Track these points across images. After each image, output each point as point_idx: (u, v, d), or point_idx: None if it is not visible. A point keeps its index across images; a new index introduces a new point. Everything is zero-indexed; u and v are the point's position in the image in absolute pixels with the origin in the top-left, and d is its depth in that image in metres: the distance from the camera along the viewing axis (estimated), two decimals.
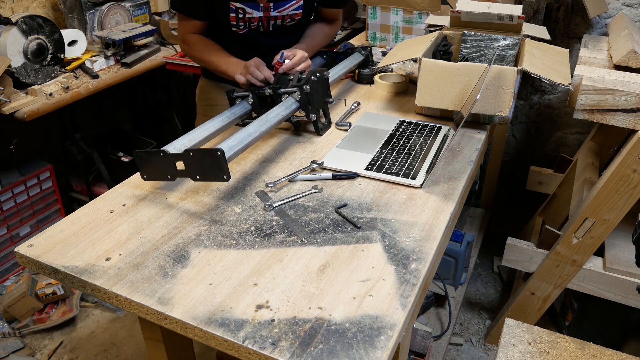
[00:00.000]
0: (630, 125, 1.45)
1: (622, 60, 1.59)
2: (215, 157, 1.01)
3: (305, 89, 1.33)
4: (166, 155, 1.06)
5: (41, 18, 2.05)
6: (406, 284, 0.90)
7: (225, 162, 1.02)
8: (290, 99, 1.35)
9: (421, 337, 1.73)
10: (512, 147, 2.59)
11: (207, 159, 1.02)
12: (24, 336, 2.07)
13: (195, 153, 1.04)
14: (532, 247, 1.79)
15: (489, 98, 1.37)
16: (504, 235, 1.98)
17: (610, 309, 1.79)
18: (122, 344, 2.03)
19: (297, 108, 1.36)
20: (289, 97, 1.36)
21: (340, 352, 0.77)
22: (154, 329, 1.01)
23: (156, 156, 1.07)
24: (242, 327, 0.81)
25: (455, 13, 1.62)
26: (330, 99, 1.46)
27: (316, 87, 1.38)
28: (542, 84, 2.38)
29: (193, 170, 1.05)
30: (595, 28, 2.19)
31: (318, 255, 0.96)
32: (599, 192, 1.55)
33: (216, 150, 1.01)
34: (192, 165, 1.04)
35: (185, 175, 1.06)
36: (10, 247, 2.30)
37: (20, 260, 0.99)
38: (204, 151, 1.03)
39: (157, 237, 1.01)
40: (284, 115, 1.31)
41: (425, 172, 1.21)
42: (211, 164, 1.02)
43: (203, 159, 1.03)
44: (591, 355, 1.13)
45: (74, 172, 2.68)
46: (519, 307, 1.87)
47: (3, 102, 1.89)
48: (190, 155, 1.04)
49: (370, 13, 2.13)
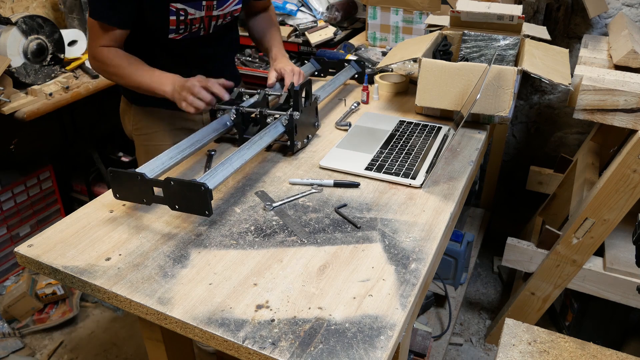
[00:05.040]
0: (630, 125, 1.45)
1: (622, 60, 1.59)
2: (200, 192, 0.95)
3: (295, 115, 1.25)
4: (143, 180, 1.00)
5: (41, 18, 2.05)
6: (406, 284, 0.90)
7: (209, 198, 0.96)
8: (277, 123, 1.27)
9: (421, 337, 1.73)
10: (512, 147, 2.59)
11: (189, 192, 0.96)
12: (24, 336, 2.07)
13: (177, 183, 0.97)
14: (532, 247, 1.79)
15: (489, 98, 1.37)
16: (504, 235, 1.98)
17: (610, 309, 1.79)
18: (122, 344, 2.03)
19: (282, 133, 1.27)
20: (275, 120, 1.27)
21: (340, 352, 0.77)
22: (154, 329, 1.01)
23: (133, 178, 1.01)
24: (242, 327, 0.81)
25: (455, 13, 1.62)
26: (317, 123, 1.40)
27: (305, 113, 1.31)
28: (542, 84, 2.38)
29: (172, 200, 0.99)
30: (595, 28, 2.19)
31: (318, 255, 0.96)
32: (599, 192, 1.55)
33: (200, 185, 0.95)
34: (172, 194, 0.98)
35: (163, 202, 1.00)
36: (10, 247, 2.31)
37: (20, 260, 0.99)
38: (187, 184, 0.96)
39: (157, 237, 1.01)
40: (268, 142, 1.22)
41: (425, 172, 1.21)
42: (193, 197, 0.96)
43: (185, 191, 0.97)
44: (591, 355, 1.13)
45: (74, 172, 2.68)
46: (519, 307, 1.87)
47: (3, 102, 1.89)
48: (170, 184, 0.97)
49: (370, 13, 2.13)
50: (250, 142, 1.18)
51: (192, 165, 1.26)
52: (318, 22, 2.32)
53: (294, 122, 1.25)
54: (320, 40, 2.23)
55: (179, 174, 1.22)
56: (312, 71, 1.73)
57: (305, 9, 2.38)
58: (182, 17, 1.32)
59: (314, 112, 1.38)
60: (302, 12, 2.37)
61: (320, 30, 2.26)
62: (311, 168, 1.26)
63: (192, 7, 1.32)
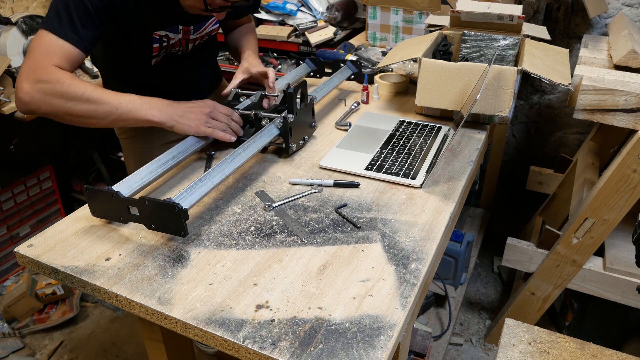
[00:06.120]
0: (630, 125, 1.45)
1: (622, 60, 1.59)
2: (174, 213, 0.92)
3: (289, 118, 1.23)
4: (118, 199, 0.97)
5: (41, 18, 2.05)
6: (406, 284, 0.90)
7: (184, 218, 0.93)
8: (272, 125, 1.25)
9: (421, 337, 1.73)
10: (512, 147, 2.59)
11: (164, 211, 0.94)
12: (24, 336, 2.07)
13: (150, 203, 0.94)
14: (532, 247, 1.79)
15: (489, 98, 1.37)
16: (504, 235, 1.98)
17: (610, 309, 1.79)
18: (122, 344, 2.03)
19: (277, 136, 1.25)
20: (270, 123, 1.26)
21: (340, 352, 0.77)
22: (154, 329, 1.01)
23: (108, 197, 0.98)
24: (242, 327, 0.81)
25: (455, 13, 1.62)
26: (314, 124, 1.39)
27: (301, 115, 1.29)
28: (542, 84, 2.38)
29: (148, 219, 0.97)
30: (595, 28, 2.19)
31: (318, 255, 0.96)
32: (599, 192, 1.55)
33: (174, 206, 0.91)
34: (147, 214, 0.96)
35: (139, 221, 0.98)
36: (10, 247, 2.31)
37: (20, 260, 0.99)
38: (161, 203, 0.93)
39: (157, 237, 1.01)
40: (261, 145, 1.20)
41: (425, 172, 1.21)
42: (168, 217, 0.94)
43: (159, 211, 0.94)
44: (591, 355, 1.13)
45: (74, 172, 2.68)
46: (519, 307, 1.87)
47: (3, 102, 1.89)
48: (145, 204, 0.94)
49: (370, 13, 2.13)
50: (241, 147, 1.16)
51: (192, 165, 1.26)
52: (318, 22, 2.32)
53: (288, 124, 1.24)
54: (320, 40, 2.23)
55: (180, 174, 1.22)
56: (307, 72, 1.72)
57: (305, 9, 2.38)
58: (165, 43, 1.33)
59: (310, 114, 1.36)
60: (302, 12, 2.37)
61: (320, 30, 2.27)
62: (311, 168, 1.26)
63: (172, 31, 1.32)
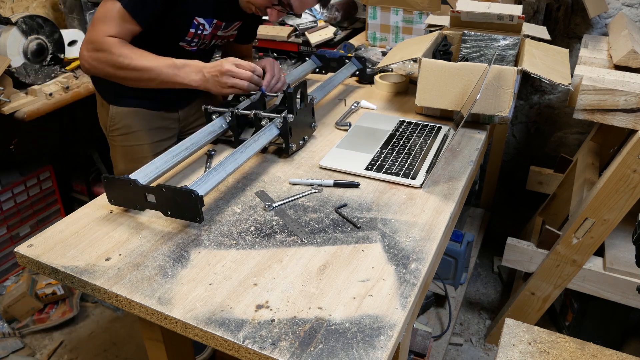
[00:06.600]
0: (630, 125, 1.45)
1: (622, 60, 1.59)
2: (190, 199, 0.97)
3: (289, 118, 1.23)
4: (136, 187, 1.02)
5: (41, 18, 2.05)
6: (406, 284, 0.90)
7: (200, 205, 0.98)
8: (272, 125, 1.25)
9: (421, 337, 1.73)
10: (512, 147, 2.59)
11: (181, 198, 0.98)
12: (24, 336, 2.07)
13: (168, 190, 0.99)
14: (532, 247, 1.79)
15: (489, 98, 1.37)
16: (504, 235, 1.98)
17: (610, 309, 1.79)
18: (122, 344, 2.03)
19: (277, 136, 1.26)
20: (270, 123, 1.26)
21: (340, 352, 0.77)
22: (154, 329, 1.01)
23: (126, 184, 1.03)
24: (242, 327, 0.81)
25: (455, 13, 1.62)
26: (314, 124, 1.39)
27: (301, 115, 1.29)
28: (542, 84, 2.38)
29: (164, 206, 1.01)
30: (595, 28, 2.19)
31: (318, 255, 0.96)
32: (599, 192, 1.55)
33: (191, 192, 0.96)
34: (164, 201, 1.00)
35: (156, 208, 1.02)
36: (10, 247, 2.31)
37: (20, 260, 0.99)
38: (178, 191, 0.98)
39: (157, 237, 1.01)
40: (262, 145, 1.21)
41: (425, 172, 1.21)
42: (184, 204, 0.98)
43: (176, 197, 0.99)
44: (591, 355, 1.13)
45: (74, 172, 2.68)
46: (519, 307, 1.87)
47: (3, 102, 1.89)
48: (162, 191, 0.99)
49: (370, 13, 2.13)
50: (243, 145, 1.17)
51: (192, 165, 1.26)
52: (318, 22, 2.32)
53: (287, 124, 1.24)
54: (320, 40, 2.23)
55: (179, 174, 1.22)
56: (312, 68, 1.73)
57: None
58: (200, 31, 1.36)
59: (310, 114, 1.36)
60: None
61: (320, 30, 2.26)
62: (311, 168, 1.26)
63: (209, 23, 1.37)
